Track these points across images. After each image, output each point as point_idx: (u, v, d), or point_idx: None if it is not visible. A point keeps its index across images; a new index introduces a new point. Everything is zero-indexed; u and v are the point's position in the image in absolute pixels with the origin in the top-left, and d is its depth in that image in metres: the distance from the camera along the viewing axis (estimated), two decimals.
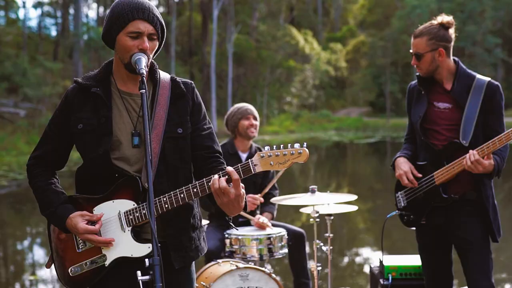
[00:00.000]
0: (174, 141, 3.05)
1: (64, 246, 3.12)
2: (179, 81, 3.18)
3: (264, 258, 5.12)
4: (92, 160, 3.03)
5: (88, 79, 3.10)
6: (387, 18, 59.01)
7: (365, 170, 23.99)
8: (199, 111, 3.19)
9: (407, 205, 4.34)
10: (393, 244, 9.69)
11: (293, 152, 2.82)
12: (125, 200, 3.00)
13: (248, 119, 5.84)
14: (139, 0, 3.00)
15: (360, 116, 54.84)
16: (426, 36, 4.17)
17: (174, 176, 3.05)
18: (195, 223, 3.17)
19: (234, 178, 2.80)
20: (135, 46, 2.96)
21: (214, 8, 42.90)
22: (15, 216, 13.49)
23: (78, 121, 3.05)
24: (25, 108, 32.49)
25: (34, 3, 53.81)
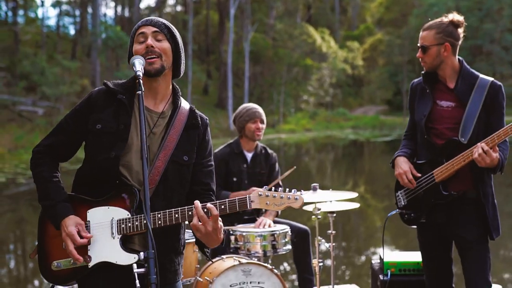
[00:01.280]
0: (178, 166, 3.16)
1: (51, 240, 3.18)
2: (197, 113, 3.31)
3: (268, 254, 5.19)
4: (101, 162, 3.10)
5: (116, 86, 3.23)
6: (405, 16, 58.79)
7: (381, 169, 23.91)
8: (206, 147, 3.32)
9: (407, 203, 4.38)
10: (409, 242, 9.67)
11: (289, 197, 2.95)
12: (120, 209, 3.07)
13: (255, 122, 5.84)
14: (149, 17, 3.27)
15: (377, 115, 54.66)
16: (434, 29, 4.21)
17: (169, 198, 3.14)
18: (178, 248, 3.27)
19: (213, 213, 2.91)
20: (142, 48, 3.13)
21: (231, 6, 42.93)
22: (33, 214, 13.59)
23: (97, 121, 3.14)
24: (43, 107, 32.71)
25: (53, 2, 54.11)
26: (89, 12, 46.34)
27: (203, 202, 2.98)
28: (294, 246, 5.80)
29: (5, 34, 39.01)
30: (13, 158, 24.99)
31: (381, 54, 59.41)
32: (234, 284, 4.74)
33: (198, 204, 2.92)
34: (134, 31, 3.21)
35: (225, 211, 2.96)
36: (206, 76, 49.05)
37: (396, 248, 10.18)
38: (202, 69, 48.90)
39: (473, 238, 4.14)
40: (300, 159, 27.61)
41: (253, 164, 5.96)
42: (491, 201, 4.16)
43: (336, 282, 5.41)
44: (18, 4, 42.55)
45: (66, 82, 32.81)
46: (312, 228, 5.89)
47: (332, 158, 28.85)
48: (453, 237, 4.23)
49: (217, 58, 49.09)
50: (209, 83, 49.03)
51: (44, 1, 77.57)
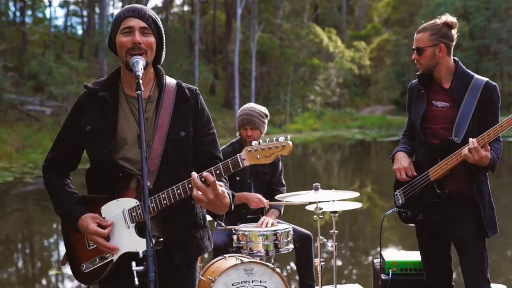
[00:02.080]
0: (176, 143, 3.20)
1: (76, 244, 3.29)
2: (184, 87, 3.34)
3: (270, 254, 5.20)
4: (98, 160, 3.20)
5: (97, 84, 3.32)
6: (412, 16, 58.70)
7: (388, 168, 23.87)
8: (202, 116, 3.33)
9: (404, 202, 4.43)
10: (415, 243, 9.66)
11: (277, 145, 2.93)
12: (128, 199, 3.14)
13: (245, 129, 5.78)
14: (134, 5, 3.25)
15: (384, 114, 54.56)
16: (429, 31, 4.26)
17: (175, 176, 3.16)
18: (197, 222, 3.30)
19: (210, 181, 2.91)
20: (128, 42, 3.12)
21: (238, 6, 42.94)
22: (41, 213, 13.64)
23: (87, 124, 3.23)
24: (51, 106, 32.77)
25: (61, 2, 54.26)
26: (96, 12, 46.44)
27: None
28: (297, 251, 5.81)
29: (13, 34, 39.12)
30: (20, 157, 25.06)
31: (388, 54, 59.35)
32: (236, 283, 4.76)
33: (194, 174, 2.93)
34: (120, 20, 3.18)
35: (221, 175, 2.96)
36: (213, 76, 49.08)
37: (403, 248, 10.18)
38: (209, 69, 48.92)
39: (468, 236, 4.19)
40: (306, 159, 27.62)
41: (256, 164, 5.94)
42: (487, 199, 4.21)
43: (341, 282, 5.42)
44: (26, 4, 42.69)
45: (73, 82, 32.84)
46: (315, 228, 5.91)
47: (338, 158, 28.83)
48: (449, 235, 4.29)
49: (224, 58, 49.11)
50: (216, 83, 49.06)
51: (52, 1, 77.70)
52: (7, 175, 19.85)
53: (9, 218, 14.20)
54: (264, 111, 5.88)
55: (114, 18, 3.23)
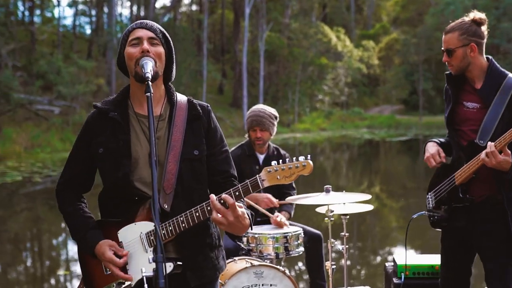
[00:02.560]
0: (190, 163, 3.12)
1: (93, 269, 3.21)
2: (196, 103, 3.24)
3: (280, 257, 5.14)
4: (113, 183, 3.12)
5: (106, 103, 3.21)
6: (420, 15, 58.55)
7: (397, 168, 23.84)
8: (215, 134, 3.25)
9: (435, 205, 4.24)
10: (424, 243, 9.64)
11: (297, 166, 2.91)
12: (146, 222, 3.07)
13: (254, 131, 5.74)
14: (141, 20, 3.21)
15: (393, 114, 54.50)
16: (457, 31, 4.08)
17: (190, 197, 3.10)
18: (212, 242, 3.23)
19: (229, 203, 2.87)
20: (137, 52, 3.05)
21: (246, 6, 42.93)
22: (49, 212, 13.66)
23: (99, 146, 3.14)
24: (59, 106, 32.86)
25: (69, 2, 54.32)
26: (105, 11, 46.51)
27: (225, 191, 2.94)
28: (307, 251, 5.75)
29: (22, 34, 39.26)
30: (29, 156, 25.12)
31: (396, 53, 59.20)
32: (246, 286, 4.70)
33: (213, 197, 2.88)
34: (127, 33, 3.13)
35: (240, 197, 2.91)
36: (221, 75, 49.08)
37: (411, 248, 10.14)
38: (217, 68, 48.93)
39: (492, 244, 3.98)
40: (315, 158, 27.56)
41: (266, 166, 5.83)
42: None
43: (350, 283, 5.38)
44: (35, 4, 42.81)
45: (82, 82, 32.95)
46: (325, 229, 5.86)
47: (347, 157, 28.77)
48: (473, 242, 4.08)
49: (232, 57, 49.11)
50: (224, 83, 49.08)
51: (61, 1, 77.86)
52: (16, 174, 19.90)
53: (18, 217, 14.23)
54: (274, 113, 5.83)
55: (122, 35, 3.17)
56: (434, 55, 54.28)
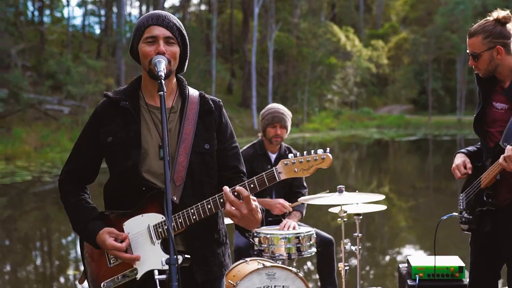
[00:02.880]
0: (201, 156, 3.08)
1: (96, 261, 3.15)
2: (208, 98, 3.21)
3: (292, 257, 5.08)
4: (121, 173, 3.06)
5: (117, 93, 3.16)
6: (430, 14, 58.40)
7: (406, 168, 23.79)
8: (226, 129, 3.21)
9: (465, 207, 4.11)
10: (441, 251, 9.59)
11: (316, 158, 2.83)
12: (153, 214, 3.01)
13: (274, 127, 5.70)
14: (157, 11, 3.10)
15: (402, 114, 54.39)
16: (481, 34, 3.89)
17: (200, 191, 3.06)
18: (219, 239, 3.19)
19: (244, 195, 2.81)
20: (152, 51, 2.99)
21: (255, 5, 42.92)
22: (59, 212, 13.68)
23: (108, 134, 3.09)
24: (69, 106, 32.95)
25: (78, 2, 54.55)
26: (114, 11, 46.62)
27: (234, 185, 2.88)
28: (318, 255, 5.70)
29: (32, 34, 39.41)
30: (39, 156, 25.20)
31: (406, 53, 59.09)
32: (258, 287, 4.64)
33: (226, 189, 2.82)
34: (143, 28, 3.04)
35: (255, 190, 2.85)
36: (230, 75, 49.12)
37: (421, 248, 10.12)
38: (226, 68, 48.95)
39: None
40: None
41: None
42: None
43: (360, 284, 5.35)
44: (44, 4, 42.94)
45: (91, 81, 33.01)
46: (334, 229, 5.83)
47: (356, 157, 28.72)
48: (499, 247, 3.95)
49: (241, 57, 49.11)
50: (233, 82, 49.11)
51: (70, 0, 78.14)
52: (26, 174, 19.97)
53: (28, 216, 14.27)
54: (289, 112, 5.87)
55: (137, 25, 3.07)
56: (443, 54, 54.27)
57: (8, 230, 12.60)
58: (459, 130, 43.04)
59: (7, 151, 24.80)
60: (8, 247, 11.01)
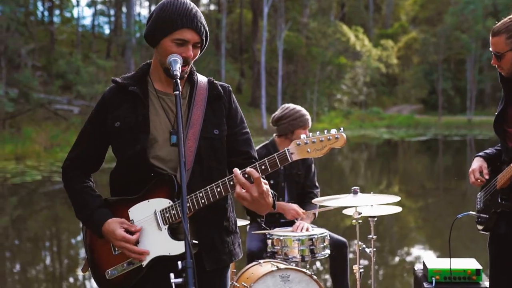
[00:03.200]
0: (209, 141, 3.02)
1: (100, 249, 3.08)
2: (217, 84, 3.16)
3: (306, 259, 5.01)
4: (129, 158, 2.99)
5: (125, 79, 3.11)
6: (440, 14, 58.26)
7: (416, 169, 23.71)
8: (236, 115, 3.16)
9: (483, 206, 4.03)
10: (445, 243, 9.56)
11: (330, 138, 2.76)
12: (160, 199, 2.94)
13: (305, 129, 5.60)
14: (188, 7, 2.98)
15: (412, 114, 54.25)
16: (504, 34, 3.74)
17: (209, 176, 2.99)
18: (229, 227, 3.12)
19: (255, 177, 2.74)
20: (178, 53, 2.93)
21: (265, 5, 42.90)
22: (68, 211, 13.71)
23: (115, 120, 3.03)
24: (79, 105, 33.04)
25: (88, 2, 54.68)
26: (123, 11, 46.71)
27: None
28: (331, 258, 5.60)
29: (42, 34, 39.55)
30: (49, 156, 25.27)
31: (415, 53, 58.97)
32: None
33: (237, 171, 2.75)
34: (174, 27, 2.92)
35: (266, 171, 2.77)
36: (240, 74, 49.11)
37: (431, 248, 10.08)
38: (235, 67, 48.95)
39: None
40: (333, 158, 27.50)
41: (290, 166, 5.66)
42: None
43: (369, 284, 5.31)
44: (54, 4, 43.08)
45: (101, 81, 33.09)
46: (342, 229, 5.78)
47: (365, 157, 28.66)
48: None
49: (251, 56, 49.10)
50: (242, 82, 49.10)
51: (80, 1, 78.38)
52: (36, 173, 20.03)
53: (37, 216, 14.31)
54: None
55: (164, 18, 2.93)
56: (453, 54, 54.10)
57: (18, 229, 12.64)
58: (469, 130, 42.92)
59: (17, 150, 24.88)
60: (18, 247, 11.05)
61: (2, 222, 13.33)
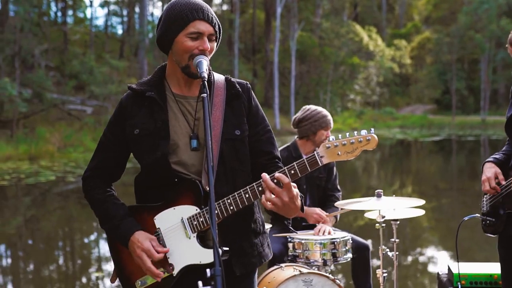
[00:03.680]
0: (231, 143, 2.92)
1: (128, 259, 3.00)
2: (234, 82, 3.06)
3: (327, 263, 4.90)
4: (150, 165, 2.92)
5: (142, 85, 3.03)
6: (453, 13, 58.08)
7: (429, 169, 23.62)
8: (257, 113, 3.07)
9: (489, 209, 3.96)
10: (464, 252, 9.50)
11: (361, 140, 2.67)
12: (187, 206, 2.86)
13: (327, 129, 5.57)
14: (196, 1, 2.93)
15: (425, 114, 54.09)
16: None
17: (232, 179, 2.92)
18: (257, 228, 3.05)
19: (284, 182, 2.65)
20: (195, 47, 2.86)
21: (278, 5, 42.91)
22: (82, 211, 13.75)
23: (134, 127, 2.96)
24: (92, 106, 33.16)
25: (101, 2, 54.87)
26: (136, 11, 46.85)
27: (270, 173, 2.72)
28: (353, 262, 5.51)
29: (55, 34, 39.73)
30: (62, 156, 25.37)
31: (429, 53, 58.80)
32: None
33: (266, 176, 2.65)
34: (187, 21, 2.87)
35: (296, 176, 2.68)
36: (252, 75, 49.13)
37: (444, 249, 10.03)
38: (248, 68, 48.97)
39: None
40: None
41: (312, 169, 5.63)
42: None
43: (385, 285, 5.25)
44: (67, 4, 43.26)
45: (114, 81, 33.19)
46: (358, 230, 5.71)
47: (378, 157, 28.57)
48: None
49: (263, 57, 49.13)
50: (255, 82, 49.10)
51: (93, 1, 78.67)
52: (49, 174, 20.10)
53: (51, 216, 14.36)
54: None
55: (174, 15, 2.89)
56: (467, 54, 53.89)
57: (32, 229, 12.69)
58: (483, 130, 42.72)
59: (31, 151, 25.00)
60: (32, 247, 11.09)
61: (16, 222, 13.38)
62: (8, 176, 19.70)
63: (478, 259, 5.02)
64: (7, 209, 14.97)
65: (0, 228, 12.68)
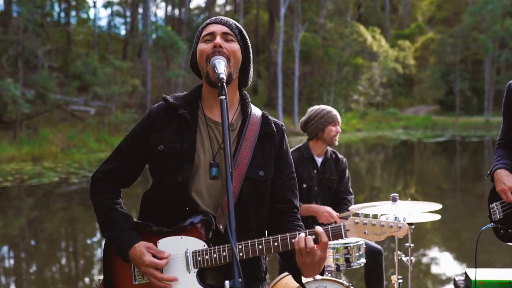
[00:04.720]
0: (253, 183, 2.80)
1: (119, 274, 2.86)
2: (271, 120, 2.94)
3: (341, 269, 4.78)
4: (168, 187, 2.78)
5: (177, 99, 2.90)
6: (457, 14, 58.06)
7: (433, 170, 23.56)
8: (286, 157, 2.95)
9: (503, 217, 3.86)
10: (460, 246, 9.49)
11: (391, 225, 2.60)
12: (195, 239, 2.73)
13: (335, 125, 5.48)
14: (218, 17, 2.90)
15: (429, 115, 54.05)
16: None
17: (246, 220, 2.79)
18: (260, 275, 2.93)
19: (323, 241, 2.58)
20: (209, 48, 2.75)
21: (281, 6, 42.89)
22: (85, 212, 13.74)
23: (160, 142, 2.83)
24: (95, 106, 33.19)
25: (104, 3, 54.90)
26: (139, 12, 46.86)
27: (287, 222, 2.67)
28: (366, 267, 5.43)
29: (58, 35, 39.75)
30: (65, 157, 25.37)
31: (432, 53, 58.76)
32: None
33: (302, 237, 2.57)
34: (201, 30, 2.84)
35: (316, 241, 2.60)
36: (256, 75, 49.13)
37: (447, 250, 9.99)
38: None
39: None
40: (349, 159, 27.43)
41: (323, 170, 5.58)
42: None
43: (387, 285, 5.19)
44: (71, 5, 43.30)
45: (117, 82, 33.17)
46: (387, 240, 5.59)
47: (382, 158, 28.53)
48: None
49: (267, 57, 49.12)
50: (258, 83, 49.11)
51: (96, 2, 78.72)
52: (53, 175, 20.09)
53: (54, 217, 14.35)
54: None
55: (198, 31, 2.87)
56: (471, 54, 53.82)
57: (35, 230, 12.68)
58: (487, 131, 42.64)
59: (34, 152, 24.99)
60: (35, 248, 11.08)
61: (19, 223, 13.38)
62: (11, 177, 19.69)
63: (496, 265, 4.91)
64: (10, 210, 14.96)
65: (3, 229, 12.67)
